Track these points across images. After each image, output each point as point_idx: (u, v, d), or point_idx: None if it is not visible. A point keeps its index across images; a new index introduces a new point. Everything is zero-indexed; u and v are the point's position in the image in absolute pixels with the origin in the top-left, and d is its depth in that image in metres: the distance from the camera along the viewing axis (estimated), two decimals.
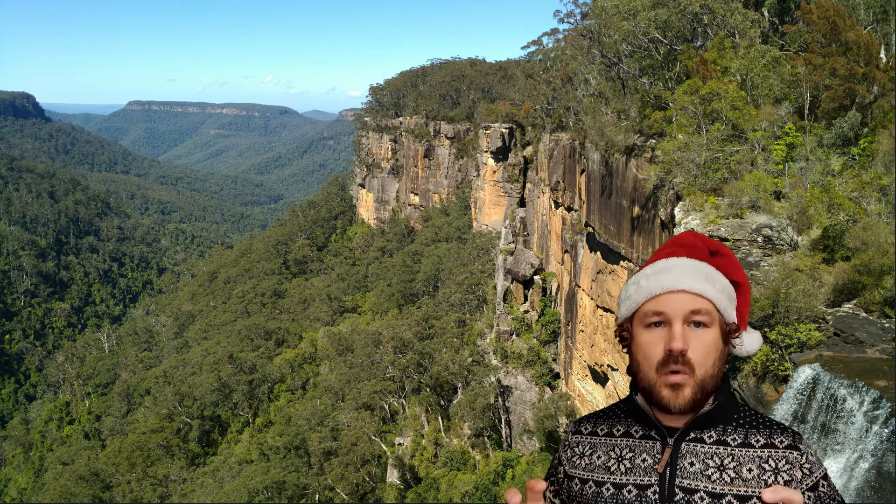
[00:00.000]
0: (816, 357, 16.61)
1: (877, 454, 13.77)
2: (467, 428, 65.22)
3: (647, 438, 2.69)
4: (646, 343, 2.62)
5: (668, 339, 2.54)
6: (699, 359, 2.53)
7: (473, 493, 55.41)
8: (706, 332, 2.56)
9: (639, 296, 2.67)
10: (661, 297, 2.60)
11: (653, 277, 2.66)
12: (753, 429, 2.60)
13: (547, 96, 64.30)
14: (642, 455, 2.66)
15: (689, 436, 2.61)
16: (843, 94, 25.98)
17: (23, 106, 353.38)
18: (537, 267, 67.24)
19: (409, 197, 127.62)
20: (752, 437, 2.57)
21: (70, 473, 78.26)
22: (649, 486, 2.59)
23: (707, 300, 2.57)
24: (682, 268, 2.64)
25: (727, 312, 2.63)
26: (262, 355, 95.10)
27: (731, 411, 2.65)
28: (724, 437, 2.59)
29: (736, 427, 2.61)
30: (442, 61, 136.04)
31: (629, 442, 2.72)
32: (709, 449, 2.58)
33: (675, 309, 2.56)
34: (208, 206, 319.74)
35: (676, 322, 2.55)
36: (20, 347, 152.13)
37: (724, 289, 2.65)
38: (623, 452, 2.71)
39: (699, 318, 2.55)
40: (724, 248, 2.81)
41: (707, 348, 2.55)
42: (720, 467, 2.53)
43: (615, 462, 2.70)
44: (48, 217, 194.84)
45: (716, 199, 25.14)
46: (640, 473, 2.63)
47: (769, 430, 2.59)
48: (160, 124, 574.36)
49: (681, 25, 35.82)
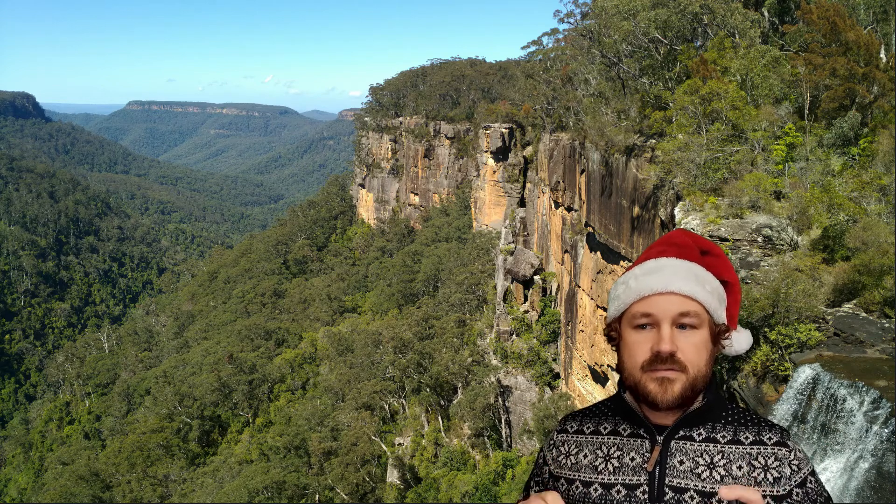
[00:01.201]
0: (816, 357, 16.60)
1: (877, 454, 13.76)
2: (467, 428, 65.21)
3: (636, 437, 2.64)
4: (633, 343, 2.59)
5: (656, 340, 2.52)
6: (691, 359, 2.51)
7: (473, 493, 55.42)
8: (695, 333, 2.54)
9: (627, 296, 2.63)
10: (649, 299, 2.56)
11: (642, 278, 2.62)
12: (742, 426, 2.58)
13: (547, 96, 64.29)
14: (631, 454, 2.62)
15: (679, 433, 2.57)
16: (843, 94, 25.97)
17: (23, 106, 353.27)
18: (537, 267, 67.24)
19: (409, 197, 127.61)
20: (741, 434, 2.55)
21: (70, 473, 78.26)
22: (638, 486, 2.55)
23: (696, 302, 2.54)
24: (671, 268, 2.60)
25: (717, 314, 2.60)
26: (262, 355, 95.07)
27: (720, 409, 2.62)
28: (713, 434, 2.56)
29: (725, 424, 2.59)
30: (442, 61, 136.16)
31: (617, 440, 2.68)
32: (698, 447, 2.54)
33: (664, 311, 2.53)
34: (208, 206, 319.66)
35: (665, 324, 2.52)
36: (20, 347, 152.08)
37: (714, 290, 2.62)
38: (611, 451, 2.66)
39: (688, 320, 2.53)
40: (715, 247, 2.78)
41: (697, 348, 2.53)
42: (710, 465, 2.50)
43: (602, 461, 2.65)
44: (48, 217, 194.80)
45: (716, 199, 25.14)
46: (628, 473, 2.59)
47: (758, 427, 2.57)
48: (160, 124, 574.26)
49: (681, 25, 35.81)
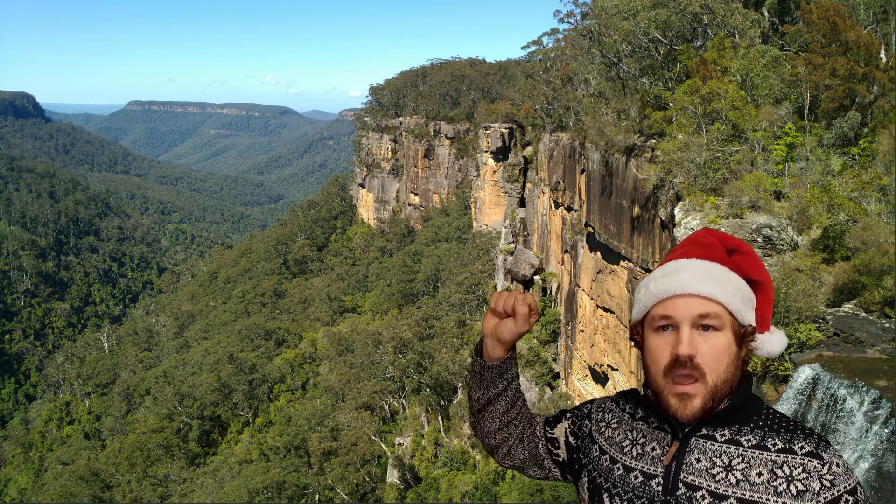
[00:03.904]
0: (816, 357, 16.60)
1: (877, 454, 13.77)
2: (467, 428, 65.19)
3: (660, 429, 2.64)
4: (654, 347, 2.55)
5: (676, 343, 2.47)
6: (710, 364, 2.43)
7: (473, 493, 55.44)
8: (716, 335, 2.46)
9: (647, 299, 2.59)
10: (669, 301, 2.51)
11: (661, 280, 2.57)
12: (773, 432, 2.47)
13: (547, 96, 64.30)
14: (652, 444, 2.62)
15: (701, 431, 2.53)
16: (843, 94, 25.98)
17: (23, 106, 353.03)
18: (537, 267, 67.26)
19: (409, 197, 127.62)
20: (769, 440, 2.45)
21: (70, 473, 78.23)
22: (654, 477, 2.56)
23: (717, 303, 2.47)
24: (691, 270, 2.54)
25: (741, 314, 2.50)
26: (262, 355, 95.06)
27: (751, 412, 2.54)
28: (737, 436, 2.49)
29: (753, 428, 2.49)
30: (442, 61, 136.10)
31: (644, 427, 2.69)
32: (718, 447, 2.49)
33: (683, 313, 2.47)
34: (208, 206, 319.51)
35: (684, 326, 2.47)
36: (20, 347, 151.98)
37: (737, 290, 2.53)
38: (637, 436, 2.68)
39: (708, 321, 2.46)
40: (743, 245, 2.68)
41: (717, 353, 2.44)
42: (727, 467, 2.44)
43: (630, 444, 2.68)
44: (48, 217, 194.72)
45: (716, 199, 25.15)
46: (647, 461, 2.60)
47: (790, 435, 2.45)
48: (160, 124, 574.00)
49: (681, 25, 35.81)
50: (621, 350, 43.18)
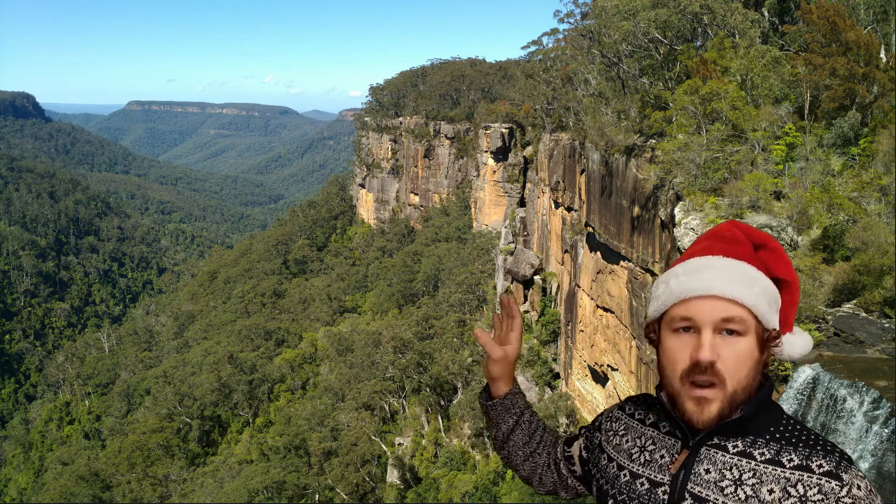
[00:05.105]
0: (816, 357, 16.60)
1: (877, 454, 13.77)
2: (467, 428, 65.18)
3: (671, 435, 2.53)
4: (672, 349, 2.38)
5: (696, 347, 2.30)
6: (730, 370, 2.27)
7: (473, 493, 55.44)
8: (739, 340, 2.29)
9: (667, 298, 2.40)
10: (690, 302, 2.33)
11: (683, 278, 2.37)
12: (790, 446, 2.29)
13: (547, 96, 64.29)
14: (661, 451, 2.51)
15: (712, 440, 2.39)
16: (843, 94, 25.98)
17: (23, 106, 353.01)
18: (537, 267, 67.24)
19: (409, 197, 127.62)
20: (784, 455, 2.26)
21: (70, 473, 78.23)
22: (661, 485, 2.45)
23: (742, 307, 2.30)
24: (715, 269, 2.34)
25: (766, 318, 2.33)
26: (262, 355, 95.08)
27: (768, 422, 2.37)
28: (751, 448, 2.32)
29: (769, 441, 2.32)
30: (442, 61, 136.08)
31: (654, 434, 2.58)
32: (729, 459, 2.33)
33: (705, 316, 2.29)
34: (208, 206, 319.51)
35: (706, 330, 2.29)
36: (20, 347, 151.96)
37: (764, 291, 2.34)
38: (646, 443, 2.58)
39: (732, 326, 2.28)
40: (771, 240, 2.46)
41: (740, 358, 2.28)
42: (737, 481, 2.28)
43: (638, 451, 2.59)
44: (48, 217, 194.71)
45: (716, 199, 25.16)
46: (655, 469, 2.50)
47: (809, 450, 2.26)
48: (160, 124, 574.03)
49: (681, 25, 35.81)
50: (621, 350, 43.18)
